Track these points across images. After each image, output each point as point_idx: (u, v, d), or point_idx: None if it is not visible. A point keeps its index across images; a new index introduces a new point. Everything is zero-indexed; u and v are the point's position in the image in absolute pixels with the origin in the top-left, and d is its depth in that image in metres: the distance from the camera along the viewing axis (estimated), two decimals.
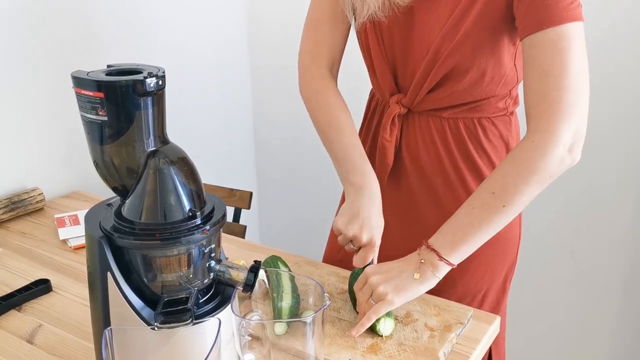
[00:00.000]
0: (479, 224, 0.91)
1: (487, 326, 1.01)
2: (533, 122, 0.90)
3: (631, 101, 1.60)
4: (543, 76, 0.88)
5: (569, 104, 0.86)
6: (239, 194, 1.65)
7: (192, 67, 2.02)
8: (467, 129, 1.08)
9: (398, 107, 1.09)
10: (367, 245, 1.01)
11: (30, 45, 1.49)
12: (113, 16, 1.69)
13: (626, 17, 1.54)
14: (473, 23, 0.95)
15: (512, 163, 0.91)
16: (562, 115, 0.86)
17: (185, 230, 0.77)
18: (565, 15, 0.86)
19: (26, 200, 1.47)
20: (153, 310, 0.78)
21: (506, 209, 0.90)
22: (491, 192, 0.91)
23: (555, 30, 0.87)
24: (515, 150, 0.92)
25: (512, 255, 1.17)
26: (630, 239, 1.72)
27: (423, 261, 0.94)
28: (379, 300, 0.92)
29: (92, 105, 0.74)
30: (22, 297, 1.09)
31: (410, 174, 1.13)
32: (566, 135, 0.87)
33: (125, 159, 0.78)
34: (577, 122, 0.87)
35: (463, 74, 1.01)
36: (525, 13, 0.90)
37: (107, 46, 1.69)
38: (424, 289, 0.94)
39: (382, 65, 1.09)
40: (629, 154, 1.65)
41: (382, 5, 1.00)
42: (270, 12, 2.18)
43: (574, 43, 0.87)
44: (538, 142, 0.88)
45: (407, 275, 0.93)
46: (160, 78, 0.76)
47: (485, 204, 0.91)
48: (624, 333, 1.82)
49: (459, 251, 0.93)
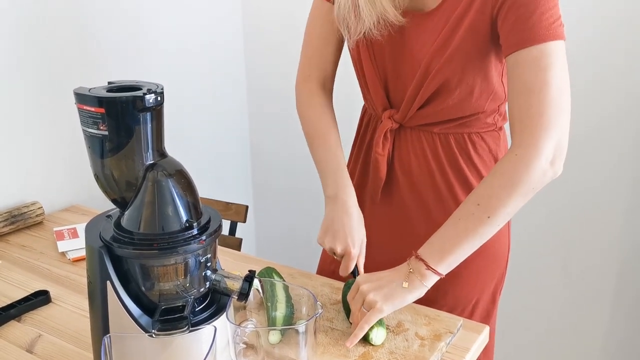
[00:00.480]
0: (465, 234, 0.95)
1: (477, 335, 1.03)
2: (516, 136, 0.93)
3: (621, 104, 1.63)
4: (525, 92, 0.92)
5: (550, 119, 0.90)
6: (234, 207, 1.68)
7: (188, 84, 2.06)
8: (457, 144, 1.11)
9: (390, 122, 1.13)
10: (345, 255, 1.06)
11: (31, 60, 1.53)
12: (113, 32, 1.73)
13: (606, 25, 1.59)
14: (461, 40, 0.99)
15: (497, 176, 0.94)
16: (544, 129, 0.90)
17: (182, 241, 0.80)
18: (547, 34, 0.90)
19: (26, 214, 1.50)
20: (151, 318, 0.81)
21: (491, 220, 0.93)
22: (476, 203, 0.94)
23: (538, 48, 0.91)
24: (499, 163, 0.95)
25: (502, 266, 1.20)
26: (621, 248, 1.74)
27: (412, 270, 0.97)
28: (369, 308, 0.95)
29: (93, 120, 0.78)
30: (22, 308, 1.11)
31: (402, 187, 1.16)
32: (548, 148, 0.90)
33: (124, 172, 0.81)
34: (559, 137, 0.91)
35: (452, 89, 1.04)
36: (509, 32, 0.94)
37: (107, 64, 1.72)
38: (412, 297, 0.97)
39: (375, 81, 1.13)
40: (618, 162, 1.68)
41: (377, 24, 1.04)
42: (266, 29, 2.22)
43: (555, 61, 0.91)
44: (521, 155, 0.91)
45: (397, 284, 0.96)
46: (159, 94, 0.80)
47: (470, 215, 0.94)
48: (614, 342, 1.85)
49: (446, 261, 0.96)
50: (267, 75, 2.26)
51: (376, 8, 1.02)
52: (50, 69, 1.57)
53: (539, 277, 1.90)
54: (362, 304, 0.96)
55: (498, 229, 0.95)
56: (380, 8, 1.02)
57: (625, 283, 1.77)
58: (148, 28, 1.86)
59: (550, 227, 1.83)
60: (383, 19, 1.03)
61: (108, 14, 1.71)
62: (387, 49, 1.08)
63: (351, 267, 1.06)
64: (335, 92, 1.23)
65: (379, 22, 1.03)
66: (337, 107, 1.21)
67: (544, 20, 0.91)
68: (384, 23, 1.04)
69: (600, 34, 1.60)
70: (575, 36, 1.55)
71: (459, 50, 1.00)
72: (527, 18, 0.91)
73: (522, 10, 0.91)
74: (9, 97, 1.49)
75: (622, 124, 1.63)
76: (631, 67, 1.58)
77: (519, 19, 0.92)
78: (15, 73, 1.50)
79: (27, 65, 1.52)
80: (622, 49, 1.58)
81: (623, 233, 1.72)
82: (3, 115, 1.49)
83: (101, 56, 1.71)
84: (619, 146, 1.66)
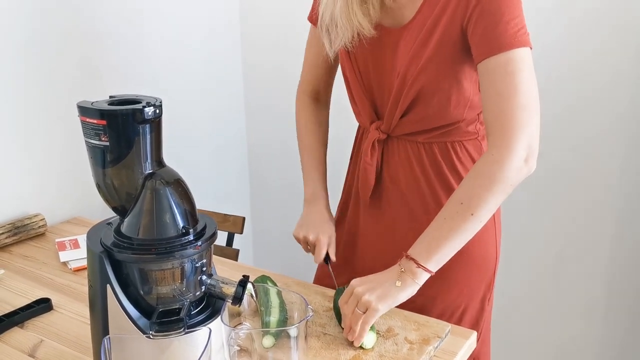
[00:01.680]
0: (451, 232, 1.00)
1: (464, 340, 1.06)
2: (491, 138, 1.00)
3: (628, 106, 1.68)
4: (496, 97, 0.98)
5: (521, 121, 0.96)
6: (232, 219, 1.71)
7: (186, 96, 2.11)
8: (441, 152, 1.16)
9: (377, 133, 1.18)
10: (317, 243, 1.19)
11: (34, 74, 1.57)
12: (113, 45, 1.78)
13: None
14: (433, 51, 1.05)
15: (476, 175, 1.01)
16: (516, 131, 0.96)
17: (179, 246, 0.84)
18: (513, 41, 0.97)
19: (28, 226, 1.53)
20: (148, 320, 0.84)
21: (474, 217, 0.99)
22: (459, 202, 1.00)
23: (505, 55, 0.97)
24: (477, 163, 1.02)
25: (489, 274, 1.23)
26: (613, 256, 1.77)
27: (403, 270, 1.02)
28: (364, 309, 0.99)
29: (95, 131, 0.82)
30: (25, 315, 1.15)
31: (390, 194, 1.21)
32: (520, 149, 0.97)
33: (124, 181, 0.86)
34: (530, 136, 0.97)
35: (429, 98, 1.10)
36: (479, 42, 1.00)
37: (107, 82, 1.77)
38: (405, 295, 1.01)
39: (360, 93, 1.19)
40: (612, 170, 1.72)
41: (351, 38, 1.12)
42: (264, 42, 2.27)
43: (522, 66, 0.97)
44: (496, 156, 0.98)
45: (390, 283, 1.01)
46: (158, 107, 0.84)
47: (455, 214, 1.00)
48: (608, 350, 1.87)
49: (434, 258, 1.01)
50: (265, 91, 2.32)
51: (352, 23, 1.10)
52: (53, 83, 1.61)
53: (530, 284, 1.93)
54: (356, 306, 1.00)
55: (482, 225, 1.01)
56: (356, 23, 1.09)
57: (618, 289, 1.79)
58: (148, 42, 1.91)
59: (542, 234, 1.87)
60: (358, 33, 1.11)
61: (109, 24, 1.76)
62: (371, 63, 1.15)
63: (322, 252, 1.19)
64: (340, 105, 1.31)
65: (354, 36, 1.11)
66: (341, 119, 1.29)
67: (510, 29, 0.97)
68: (359, 37, 1.12)
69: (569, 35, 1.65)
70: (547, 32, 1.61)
71: (432, 60, 1.06)
72: (494, 28, 0.97)
73: (488, 21, 0.98)
74: (12, 110, 1.54)
75: (620, 127, 1.67)
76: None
77: (487, 28, 0.98)
78: (19, 87, 1.54)
79: (30, 79, 1.56)
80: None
81: (617, 237, 1.75)
82: (6, 128, 1.53)
83: (102, 70, 1.76)
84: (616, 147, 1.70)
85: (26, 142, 1.58)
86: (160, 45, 1.95)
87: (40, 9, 1.55)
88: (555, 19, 1.65)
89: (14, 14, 1.50)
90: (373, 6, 1.09)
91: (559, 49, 1.67)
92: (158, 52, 1.94)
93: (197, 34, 2.09)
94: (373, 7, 1.09)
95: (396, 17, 1.11)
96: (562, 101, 1.70)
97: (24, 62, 1.54)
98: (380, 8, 1.11)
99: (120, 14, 1.78)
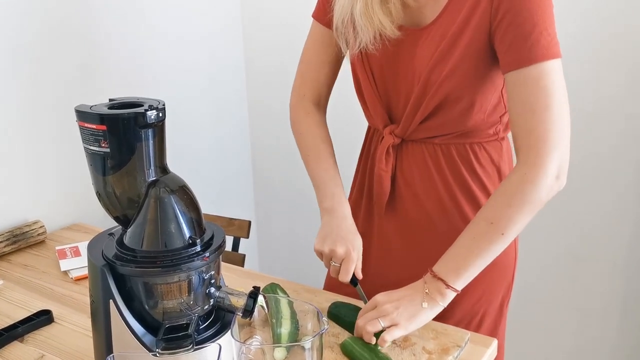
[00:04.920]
0: (480, 251, 0.97)
1: (485, 349, 1.02)
2: (522, 154, 0.96)
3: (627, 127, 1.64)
4: (528, 112, 0.93)
5: (554, 138, 0.92)
6: (237, 223, 1.67)
7: (189, 100, 2.07)
8: (459, 155, 1.11)
9: (392, 138, 1.13)
10: (346, 258, 1.07)
11: (31, 79, 1.53)
12: (112, 46, 1.74)
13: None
14: (460, 57, 0.99)
15: (507, 195, 0.97)
16: (549, 148, 0.92)
17: (186, 257, 0.79)
18: (545, 53, 0.91)
19: (28, 233, 1.49)
20: (154, 336, 0.80)
21: (504, 237, 0.96)
22: (489, 222, 0.97)
23: (537, 67, 0.92)
24: (508, 181, 0.97)
25: (509, 278, 1.19)
26: (629, 263, 1.73)
27: (428, 291, 0.99)
28: (389, 324, 0.97)
29: (95, 137, 0.77)
30: (25, 329, 1.10)
31: (406, 200, 1.16)
32: (553, 166, 0.93)
33: (126, 189, 0.81)
34: (562, 153, 0.93)
35: (454, 103, 1.05)
36: (507, 50, 0.94)
37: (108, 85, 1.73)
38: (433, 314, 1.00)
39: (373, 97, 1.14)
40: (626, 175, 1.68)
41: (373, 39, 1.05)
42: (266, 47, 2.23)
43: (554, 79, 0.92)
44: (529, 174, 0.94)
45: (417, 303, 0.99)
46: (161, 110, 0.79)
47: (485, 233, 0.97)
48: (623, 353, 1.83)
49: (463, 278, 0.98)
50: (269, 97, 2.28)
51: (373, 23, 1.03)
52: (51, 88, 1.57)
53: (547, 286, 1.89)
54: (378, 320, 0.97)
55: (510, 242, 0.98)
56: (378, 23, 1.03)
57: (634, 299, 1.75)
58: (149, 43, 1.86)
59: (559, 237, 1.83)
60: (380, 33, 1.04)
61: (109, 29, 1.72)
62: (385, 65, 1.09)
63: (351, 270, 1.07)
64: (342, 108, 1.24)
65: (375, 37, 1.05)
66: (344, 123, 1.22)
67: (543, 40, 0.91)
68: (380, 37, 1.05)
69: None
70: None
71: (459, 67, 1.00)
72: (526, 37, 0.92)
73: (520, 30, 0.92)
74: (10, 116, 1.50)
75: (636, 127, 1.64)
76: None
77: (517, 37, 0.93)
78: (16, 92, 1.50)
79: (28, 84, 1.52)
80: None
81: (633, 238, 1.72)
82: (3, 134, 1.49)
83: (102, 72, 1.71)
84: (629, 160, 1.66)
85: (24, 146, 1.54)
86: (161, 45, 1.91)
87: (31, 11, 1.50)
88: (566, 21, 1.60)
89: (8, 15, 1.45)
90: (394, 5, 1.03)
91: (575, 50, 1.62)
92: (158, 53, 1.90)
93: (198, 34, 2.05)
94: (394, 6, 1.03)
95: (415, 17, 1.05)
96: (578, 102, 1.66)
97: (20, 66, 1.50)
98: (402, 8, 1.05)
99: (119, 13, 1.74)
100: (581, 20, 1.61)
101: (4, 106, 1.48)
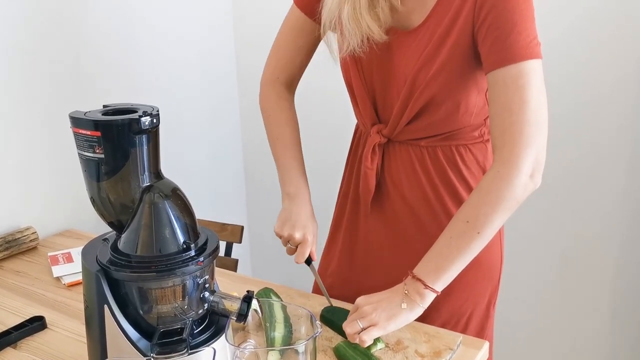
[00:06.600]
0: (458, 251, 0.98)
1: (476, 351, 1.03)
2: (497, 152, 0.97)
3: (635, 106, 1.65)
4: (505, 111, 0.95)
5: (529, 137, 0.93)
6: (230, 228, 1.67)
7: (183, 106, 2.07)
8: (445, 156, 1.12)
9: (378, 137, 1.15)
10: (302, 242, 1.13)
11: (24, 85, 1.53)
12: (107, 55, 1.74)
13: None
14: (446, 58, 1.01)
15: (482, 193, 0.98)
16: (523, 147, 0.93)
17: (180, 262, 0.80)
18: (524, 53, 0.93)
19: (20, 240, 1.49)
20: (149, 341, 0.80)
21: (481, 235, 0.97)
22: (465, 221, 0.98)
23: (516, 67, 0.93)
24: (483, 180, 0.99)
25: (495, 279, 1.20)
26: (619, 264, 1.75)
27: (407, 292, 0.99)
28: (368, 325, 0.97)
29: (89, 143, 0.78)
30: (18, 335, 1.10)
31: (393, 200, 1.17)
32: (527, 164, 0.94)
33: (121, 195, 0.81)
34: (537, 152, 0.94)
35: (439, 105, 1.06)
36: (489, 51, 0.96)
37: (101, 89, 1.73)
38: (413, 316, 1.00)
39: (364, 97, 1.15)
40: (615, 169, 1.70)
41: (361, 43, 1.06)
42: (260, 54, 2.23)
43: (532, 79, 0.93)
44: (502, 172, 0.95)
45: (396, 304, 0.99)
46: (155, 116, 0.80)
47: (461, 233, 0.98)
48: (614, 354, 1.84)
49: (442, 278, 0.99)
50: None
51: (361, 27, 1.04)
52: (44, 93, 1.57)
53: (538, 287, 1.90)
54: (357, 321, 0.99)
55: (488, 241, 0.98)
56: (366, 28, 1.04)
57: (624, 292, 1.77)
58: (142, 48, 1.87)
59: (550, 238, 1.84)
60: (368, 37, 1.05)
61: (102, 33, 1.72)
62: (375, 65, 1.11)
63: (306, 253, 1.13)
64: (331, 106, 1.25)
65: (363, 41, 1.06)
66: (333, 121, 1.23)
67: (521, 40, 0.93)
68: (367, 41, 1.06)
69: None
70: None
71: (444, 68, 1.02)
72: (505, 38, 0.93)
73: (500, 31, 0.94)
74: (2, 121, 1.49)
75: (627, 128, 1.65)
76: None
77: (498, 38, 0.94)
78: (8, 98, 1.50)
79: (21, 90, 1.52)
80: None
81: (624, 243, 1.73)
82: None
83: (95, 79, 1.71)
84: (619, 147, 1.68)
85: (15, 152, 1.53)
86: (153, 47, 1.91)
87: (24, 16, 1.51)
88: (557, 18, 1.63)
89: (0, 18, 1.45)
90: (382, 10, 1.04)
91: (565, 47, 1.64)
92: (150, 55, 1.90)
93: (190, 35, 2.06)
94: (382, 11, 1.05)
95: (403, 20, 1.07)
96: (568, 102, 1.67)
97: (11, 71, 1.49)
98: (390, 12, 1.06)
99: (111, 15, 1.74)
100: (577, 20, 1.61)
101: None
